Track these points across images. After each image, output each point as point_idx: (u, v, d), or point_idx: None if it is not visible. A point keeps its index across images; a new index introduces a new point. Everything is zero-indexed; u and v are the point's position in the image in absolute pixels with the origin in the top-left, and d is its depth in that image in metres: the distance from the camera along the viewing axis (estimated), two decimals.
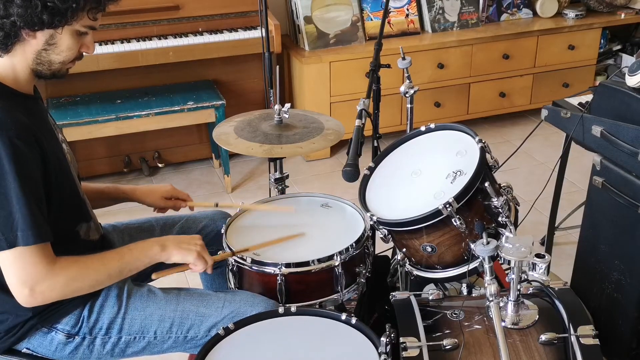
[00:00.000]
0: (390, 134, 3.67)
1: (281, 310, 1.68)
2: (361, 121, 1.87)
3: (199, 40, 3.46)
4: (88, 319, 1.65)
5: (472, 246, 1.68)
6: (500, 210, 1.76)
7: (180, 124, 3.52)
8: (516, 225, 1.85)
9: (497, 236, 1.71)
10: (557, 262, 2.80)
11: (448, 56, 4.01)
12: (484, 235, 1.56)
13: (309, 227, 1.96)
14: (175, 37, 3.45)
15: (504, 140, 4.19)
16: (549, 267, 1.58)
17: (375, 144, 2.31)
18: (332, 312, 1.69)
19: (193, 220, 2.04)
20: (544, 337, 1.57)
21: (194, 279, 2.35)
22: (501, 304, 1.63)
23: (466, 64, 4.08)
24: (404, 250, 1.88)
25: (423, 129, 1.99)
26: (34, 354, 1.66)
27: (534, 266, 1.57)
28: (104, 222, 1.94)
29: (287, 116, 2.21)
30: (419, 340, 1.59)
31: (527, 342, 1.58)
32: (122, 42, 3.36)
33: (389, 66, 2.20)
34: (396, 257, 1.95)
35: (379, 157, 2.02)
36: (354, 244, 1.85)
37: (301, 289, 1.80)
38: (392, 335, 1.55)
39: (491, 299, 1.55)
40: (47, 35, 1.49)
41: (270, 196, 2.32)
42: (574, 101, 2.44)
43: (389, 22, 4.00)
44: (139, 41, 3.38)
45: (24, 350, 1.65)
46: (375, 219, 1.81)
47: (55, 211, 1.54)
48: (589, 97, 2.40)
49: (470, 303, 1.74)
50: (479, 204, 1.76)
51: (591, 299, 2.21)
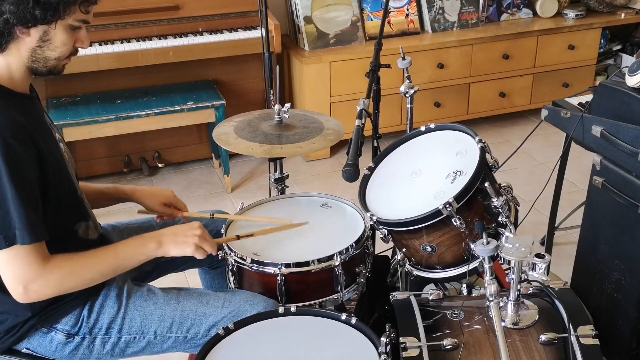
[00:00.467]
0: (390, 134, 3.67)
1: (281, 310, 1.68)
2: (361, 121, 1.87)
3: (199, 40, 3.46)
4: (88, 319, 1.65)
5: (472, 246, 1.68)
6: (500, 210, 1.76)
7: (180, 124, 3.52)
8: (516, 225, 1.85)
9: (497, 236, 1.71)
10: (557, 262, 2.80)
11: (448, 56, 4.01)
12: (484, 235, 1.56)
13: (309, 227, 1.96)
14: (175, 37, 3.45)
15: (504, 140, 4.19)
16: (549, 267, 1.58)
17: (375, 144, 2.31)
18: (332, 312, 1.68)
19: (193, 219, 2.04)
20: (544, 337, 1.57)
21: (194, 279, 2.35)
22: (501, 304, 1.63)
23: (466, 64, 4.07)
24: (404, 250, 1.88)
25: (423, 129, 1.99)
26: (34, 354, 1.66)
27: (534, 266, 1.57)
28: (104, 222, 1.94)
29: (287, 116, 2.21)
30: (419, 340, 1.59)
31: (527, 342, 1.58)
32: (122, 42, 3.36)
33: (389, 66, 2.20)
34: (396, 257, 1.95)
35: (379, 157, 2.02)
36: (354, 244, 1.85)
37: (301, 289, 1.80)
38: (392, 335, 1.55)
39: (491, 299, 1.55)
40: (41, 32, 1.49)
41: (270, 196, 2.31)
42: (574, 101, 2.44)
43: (389, 22, 4.00)
44: (139, 41, 3.39)
45: (24, 350, 1.65)
46: (375, 219, 1.80)
47: (53, 210, 1.54)
48: (589, 97, 2.40)
49: (470, 303, 1.74)
50: (479, 204, 1.76)
51: (591, 299, 2.21)
